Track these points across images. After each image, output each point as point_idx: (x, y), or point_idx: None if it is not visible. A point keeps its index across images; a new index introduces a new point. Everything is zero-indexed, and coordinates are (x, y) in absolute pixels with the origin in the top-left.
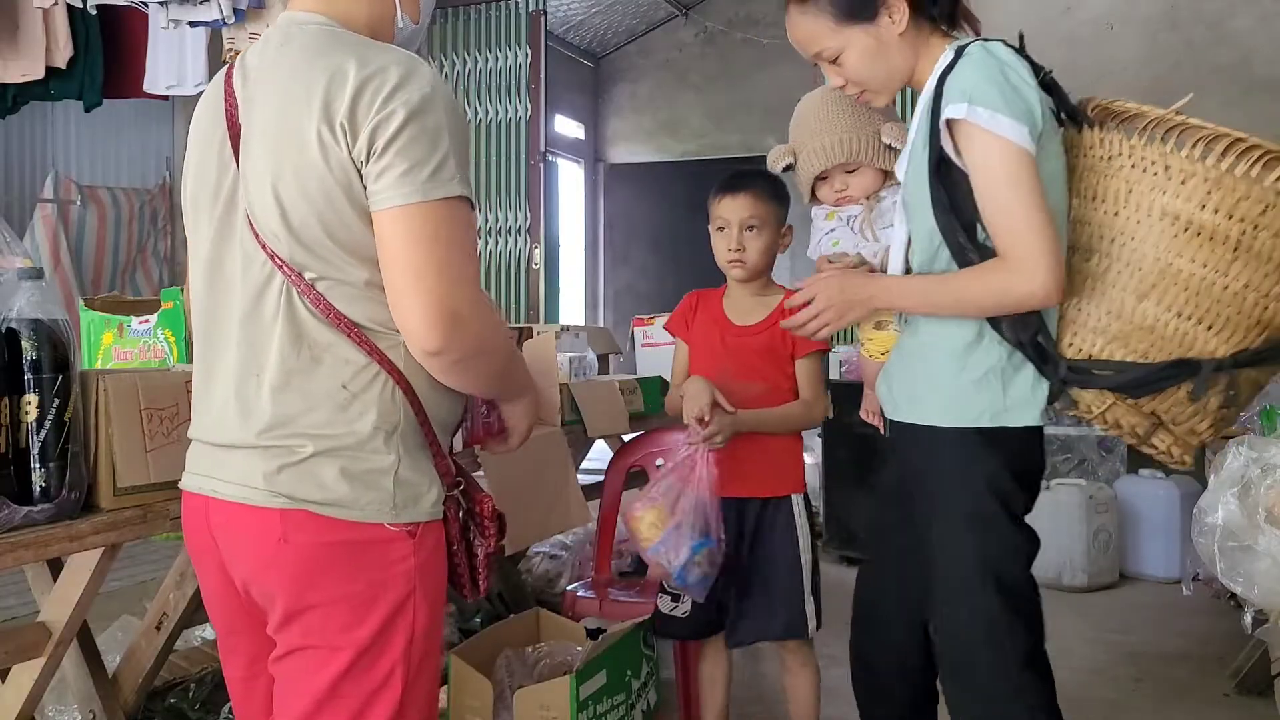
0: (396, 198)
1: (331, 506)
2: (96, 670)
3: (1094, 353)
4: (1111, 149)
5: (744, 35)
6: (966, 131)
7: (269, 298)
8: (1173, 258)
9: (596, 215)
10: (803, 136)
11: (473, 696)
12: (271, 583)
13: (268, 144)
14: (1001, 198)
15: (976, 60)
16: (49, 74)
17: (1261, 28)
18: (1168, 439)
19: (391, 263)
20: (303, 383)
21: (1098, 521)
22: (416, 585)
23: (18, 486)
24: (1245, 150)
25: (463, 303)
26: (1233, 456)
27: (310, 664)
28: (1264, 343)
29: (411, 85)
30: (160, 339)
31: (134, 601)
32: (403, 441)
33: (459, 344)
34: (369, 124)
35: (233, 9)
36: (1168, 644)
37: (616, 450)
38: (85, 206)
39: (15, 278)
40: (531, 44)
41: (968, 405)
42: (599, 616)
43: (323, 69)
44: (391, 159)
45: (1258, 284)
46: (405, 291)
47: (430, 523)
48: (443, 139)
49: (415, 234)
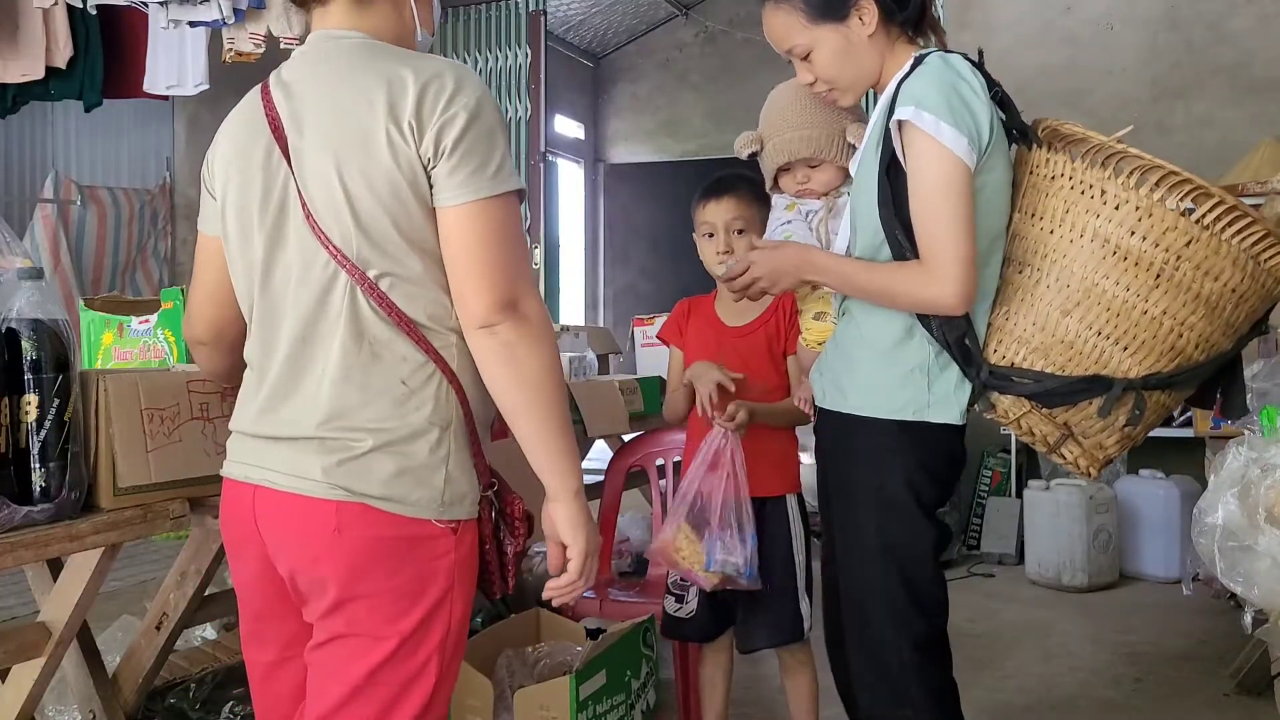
0: (467, 194)
1: (386, 501)
2: (96, 670)
3: (1016, 361)
4: (1055, 169)
5: (744, 35)
6: (910, 134)
7: (333, 297)
8: (1099, 278)
9: (596, 215)
10: (771, 127)
11: (473, 696)
12: (322, 572)
13: (328, 148)
14: (929, 203)
15: (932, 69)
16: (49, 74)
17: (1261, 28)
18: (1076, 450)
19: (460, 254)
20: (363, 378)
21: (1098, 521)
22: (455, 580)
23: (18, 486)
24: (1177, 183)
25: (522, 291)
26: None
27: (351, 652)
28: (1175, 368)
29: (467, 89)
30: (160, 339)
31: (134, 601)
32: (454, 440)
33: (513, 325)
34: (434, 125)
35: (233, 9)
36: (1168, 644)
37: (616, 450)
38: (85, 207)
39: (15, 278)
40: (531, 44)
41: (891, 398)
42: (599, 616)
43: (378, 75)
44: (460, 158)
45: (1175, 312)
46: (470, 280)
47: (469, 521)
48: (498, 138)
49: (482, 227)
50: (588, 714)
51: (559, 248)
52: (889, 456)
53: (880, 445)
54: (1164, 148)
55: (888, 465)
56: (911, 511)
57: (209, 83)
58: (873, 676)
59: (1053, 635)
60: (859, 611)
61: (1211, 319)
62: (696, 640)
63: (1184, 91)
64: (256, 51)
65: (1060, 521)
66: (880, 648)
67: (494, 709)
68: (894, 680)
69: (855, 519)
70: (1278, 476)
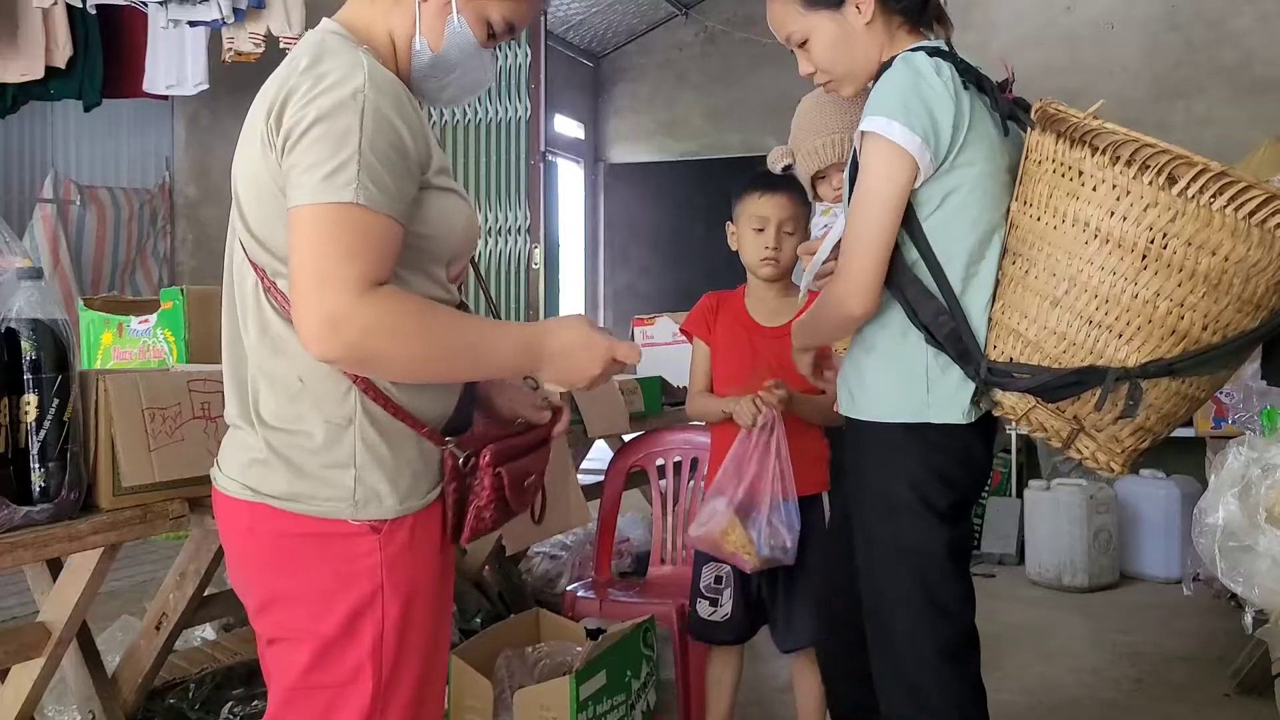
0: (293, 197)
1: (289, 501)
2: (96, 670)
3: (1014, 355)
4: (1043, 152)
5: (744, 35)
6: (866, 140)
7: (249, 293)
8: (1083, 264)
9: (596, 215)
10: (799, 137)
11: (473, 697)
12: (245, 572)
13: (241, 148)
14: (857, 207)
15: (892, 74)
16: (49, 74)
17: (1261, 28)
18: (1091, 445)
19: (289, 264)
20: (269, 375)
21: (1098, 521)
22: (384, 581)
23: (17, 486)
24: (1152, 155)
25: (332, 309)
26: (1233, 456)
27: (280, 655)
28: (1180, 352)
29: (335, 90)
30: (160, 339)
31: (134, 601)
32: (361, 435)
33: (343, 349)
34: (288, 122)
35: (232, 9)
36: (1168, 644)
37: (616, 450)
38: (85, 206)
39: (15, 278)
40: (531, 44)
41: (892, 401)
42: (599, 616)
43: (280, 73)
44: (296, 156)
45: (1169, 293)
46: (292, 297)
47: (400, 519)
48: (348, 143)
49: (303, 234)
50: (588, 714)
51: (559, 247)
52: (893, 459)
53: (886, 448)
54: None
55: (892, 468)
56: (919, 513)
57: (209, 83)
58: (892, 683)
59: (1053, 635)
60: (878, 616)
61: (1217, 297)
62: (731, 642)
63: (1184, 91)
64: (256, 51)
65: (1060, 521)
66: (900, 650)
67: (494, 709)
68: (912, 682)
69: (869, 524)
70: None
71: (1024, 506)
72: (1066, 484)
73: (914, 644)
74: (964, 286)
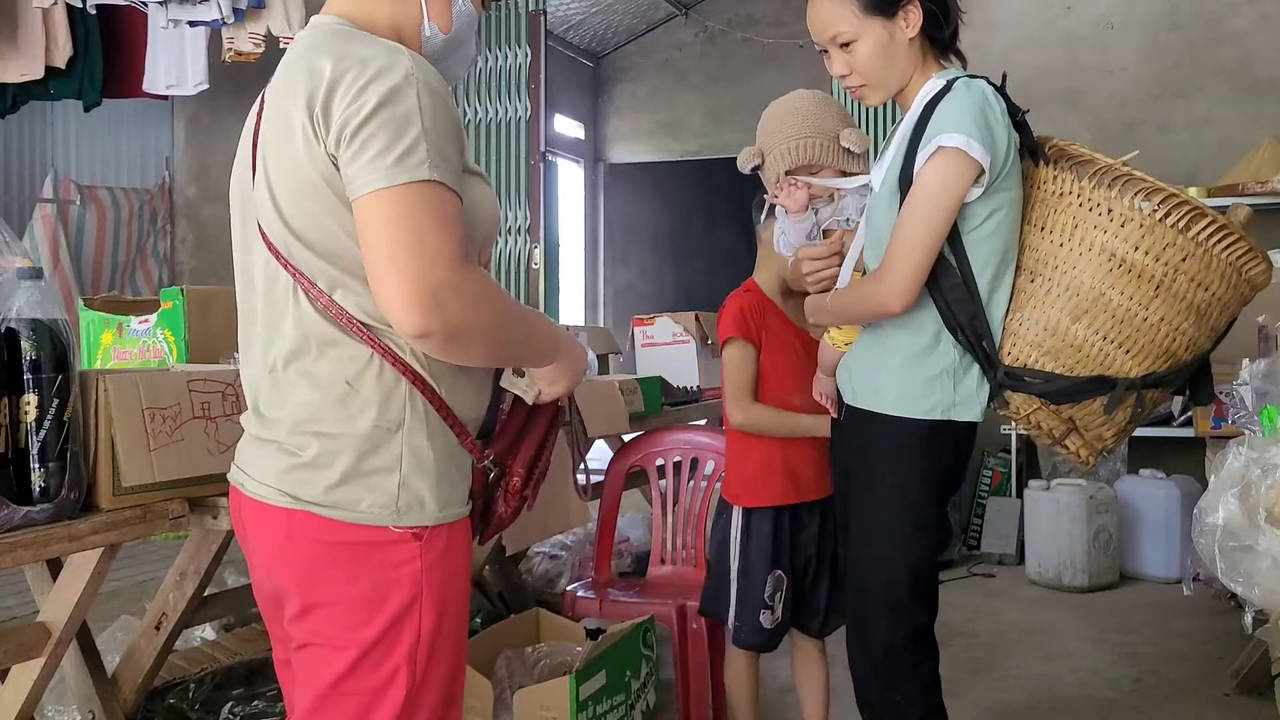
0: (365, 185)
1: (333, 509)
2: (96, 670)
3: (1029, 362)
4: (1063, 186)
5: (744, 35)
6: (943, 153)
7: (280, 296)
8: (1105, 289)
9: (596, 215)
10: (770, 139)
11: (473, 696)
12: (282, 579)
13: (270, 145)
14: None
15: (962, 94)
16: (48, 73)
17: (1261, 28)
18: (1078, 442)
19: (367, 250)
20: (311, 380)
21: (1098, 521)
22: (423, 589)
23: (17, 486)
24: (1177, 204)
25: (440, 281)
26: (1233, 456)
27: (316, 661)
28: (1167, 368)
29: (388, 75)
30: (159, 339)
31: (134, 601)
32: (408, 440)
33: (442, 323)
34: (342, 114)
35: (232, 9)
36: (1168, 644)
37: (616, 450)
38: (85, 206)
39: (15, 277)
40: (531, 44)
41: (922, 399)
42: (599, 616)
43: (306, 66)
44: (359, 146)
45: (1170, 319)
46: (381, 277)
47: (438, 526)
48: (413, 124)
49: (385, 218)
50: (588, 714)
51: (559, 247)
52: (916, 455)
53: (909, 445)
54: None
55: (914, 464)
56: (926, 508)
57: (208, 82)
58: (866, 663)
59: (1053, 635)
60: (860, 600)
61: (1200, 324)
62: (775, 646)
63: (1184, 91)
64: (256, 51)
65: (1060, 521)
66: (876, 637)
67: (494, 709)
68: (885, 668)
69: (874, 513)
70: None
71: (1024, 506)
72: (1066, 484)
73: (891, 633)
74: (989, 298)
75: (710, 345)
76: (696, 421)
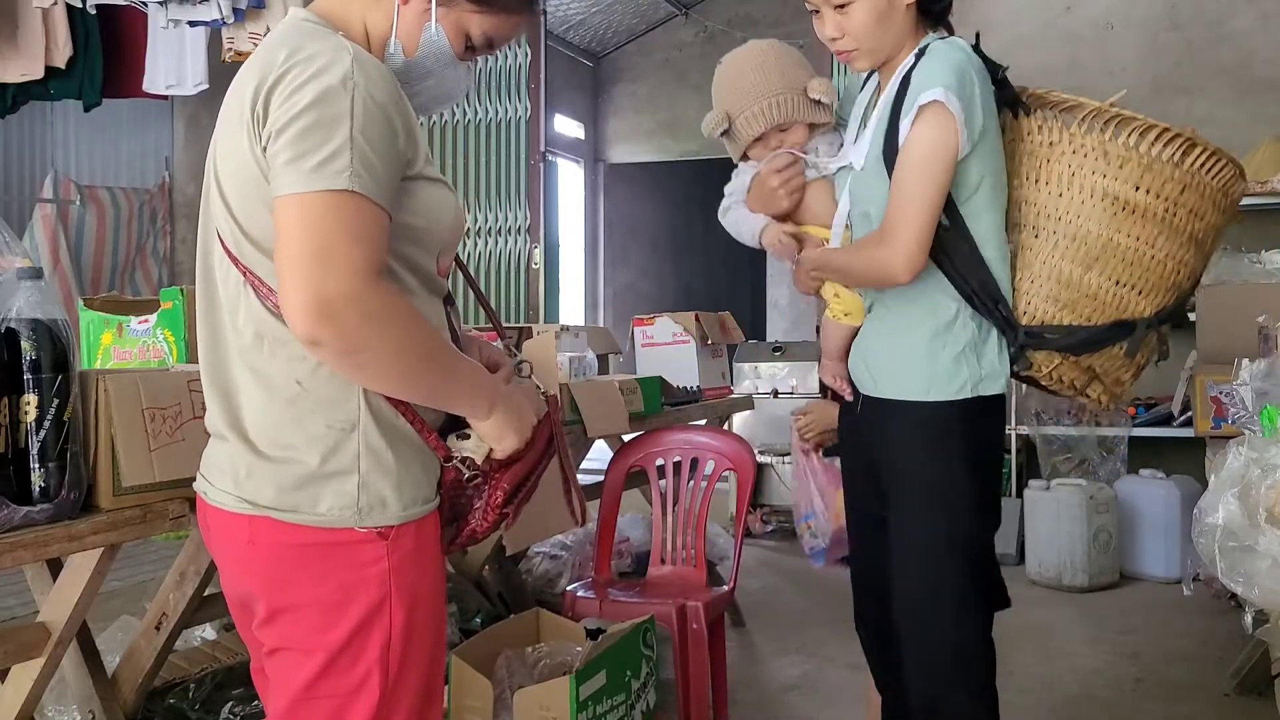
0: (282, 186)
1: (290, 512)
2: (96, 670)
3: (1046, 319)
4: (1052, 135)
5: (744, 35)
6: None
7: (234, 293)
8: (1112, 233)
9: (596, 215)
10: (736, 101)
11: (473, 696)
12: (248, 585)
13: (220, 138)
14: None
15: (941, 53)
16: (48, 73)
17: (1261, 28)
18: (1099, 389)
19: (276, 252)
20: (264, 380)
21: (1098, 521)
22: (392, 588)
23: (17, 486)
24: (1171, 138)
25: (338, 291)
26: (1233, 456)
27: (287, 665)
28: (1175, 301)
29: (324, 75)
30: (159, 339)
31: (134, 601)
32: (365, 440)
33: (334, 334)
34: (276, 110)
35: (232, 9)
36: (1168, 644)
37: (616, 450)
38: (85, 206)
39: (15, 278)
40: (531, 43)
41: (950, 379)
42: (599, 616)
43: (262, 58)
44: (283, 145)
45: (1174, 253)
46: (283, 279)
47: (405, 524)
48: (339, 130)
49: (295, 222)
50: (588, 714)
51: (559, 247)
52: (954, 440)
53: (946, 429)
54: None
55: (954, 448)
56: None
57: (208, 82)
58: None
59: (1053, 635)
60: (918, 600)
61: (1199, 254)
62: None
63: (1184, 91)
64: None
65: (1060, 521)
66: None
67: (494, 709)
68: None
69: (922, 507)
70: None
71: (1024, 506)
72: (1066, 484)
73: (958, 632)
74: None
75: (710, 345)
76: (696, 421)
